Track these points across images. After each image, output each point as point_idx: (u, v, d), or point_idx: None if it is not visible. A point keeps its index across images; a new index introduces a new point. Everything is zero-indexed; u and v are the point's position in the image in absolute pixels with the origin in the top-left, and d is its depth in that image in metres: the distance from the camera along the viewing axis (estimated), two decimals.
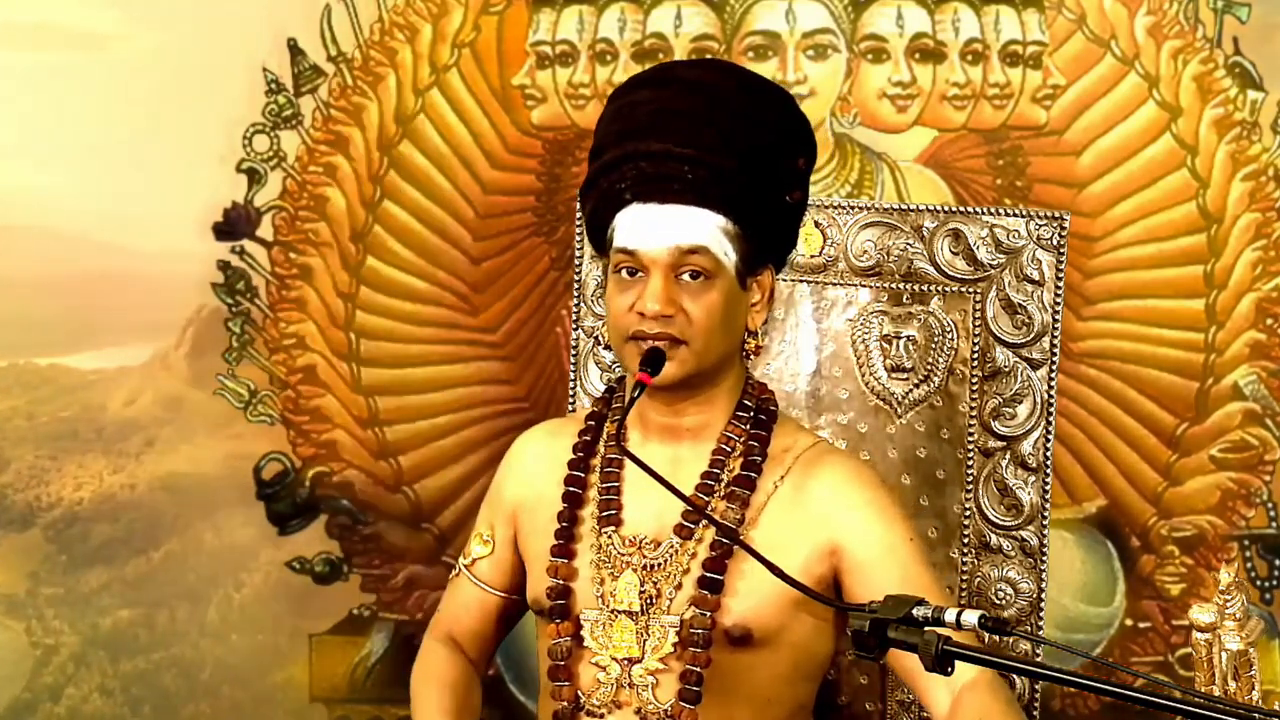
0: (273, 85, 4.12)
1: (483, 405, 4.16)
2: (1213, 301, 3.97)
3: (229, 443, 4.18)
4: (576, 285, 3.08)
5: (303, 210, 4.14)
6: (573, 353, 3.10)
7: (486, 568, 2.77)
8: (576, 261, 3.07)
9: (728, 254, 2.56)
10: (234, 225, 4.15)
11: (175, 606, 4.18)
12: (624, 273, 2.57)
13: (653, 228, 2.54)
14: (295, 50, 4.11)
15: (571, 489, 2.66)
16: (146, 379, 4.17)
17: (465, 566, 2.78)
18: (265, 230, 4.15)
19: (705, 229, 2.54)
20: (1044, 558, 2.93)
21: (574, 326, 3.10)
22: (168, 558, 4.18)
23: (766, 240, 2.61)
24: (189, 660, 4.19)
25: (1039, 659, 2.95)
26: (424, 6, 4.10)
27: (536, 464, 2.74)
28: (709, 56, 3.98)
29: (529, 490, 2.73)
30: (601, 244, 2.63)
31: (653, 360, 2.53)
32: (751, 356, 2.66)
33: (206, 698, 4.19)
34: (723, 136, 2.55)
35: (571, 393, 3.10)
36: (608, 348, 2.69)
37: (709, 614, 2.55)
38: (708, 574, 2.56)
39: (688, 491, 2.57)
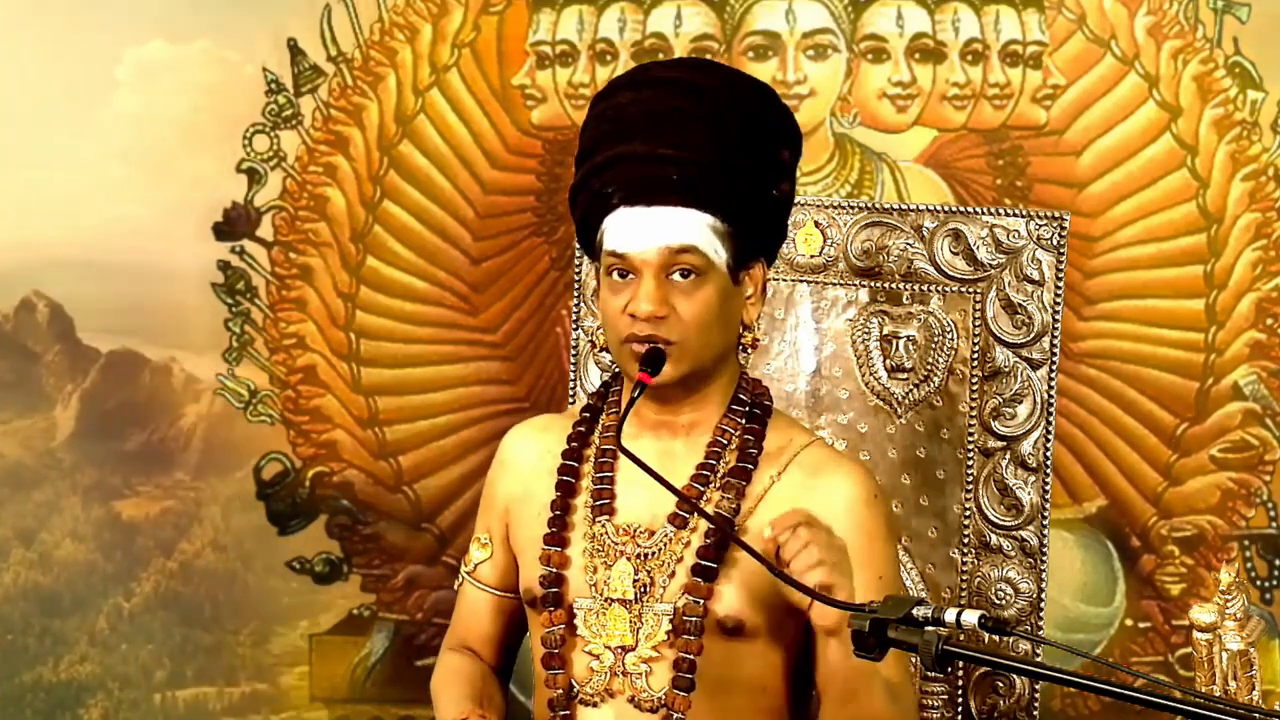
0: (273, 85, 4.12)
1: (483, 405, 4.17)
2: (1213, 301, 3.97)
3: None
4: (576, 285, 3.08)
5: (303, 210, 4.15)
6: (573, 353, 3.10)
7: (488, 571, 2.77)
8: (576, 261, 3.07)
9: (718, 251, 2.56)
10: (234, 225, 4.15)
11: None
12: (615, 275, 2.58)
13: (641, 230, 2.55)
14: (295, 50, 4.11)
15: (565, 478, 2.67)
16: None
17: (468, 574, 2.79)
18: (265, 230, 4.15)
19: (694, 228, 2.55)
20: (1044, 558, 2.93)
21: (574, 326, 3.10)
22: None
23: (756, 235, 2.62)
24: None
25: (1039, 659, 2.95)
26: (424, 6, 4.10)
27: (526, 458, 2.74)
28: (691, 56, 3.98)
29: (519, 485, 2.74)
30: (592, 247, 2.64)
31: (652, 360, 2.54)
32: (749, 351, 2.66)
33: None
34: (707, 134, 2.55)
35: (571, 393, 3.10)
36: (604, 349, 2.70)
37: (702, 602, 2.56)
38: (701, 562, 2.57)
39: (681, 484, 2.58)
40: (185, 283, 4.15)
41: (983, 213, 2.97)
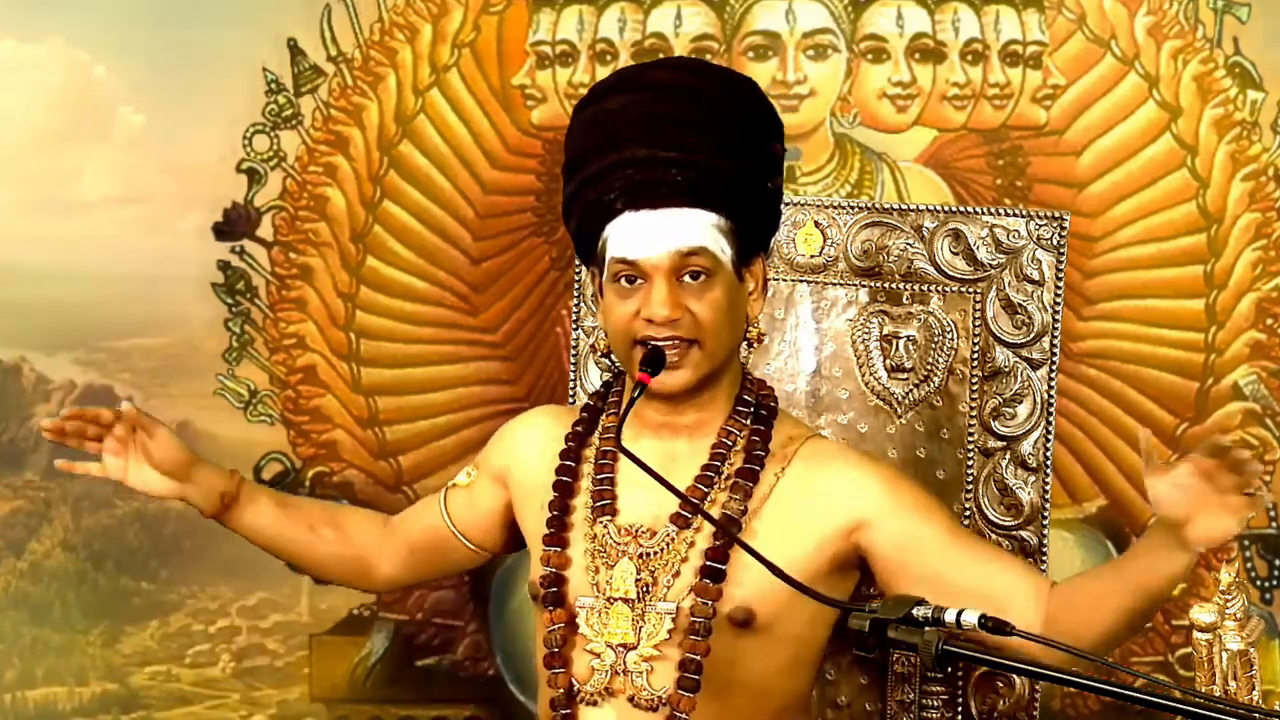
0: (273, 85, 4.12)
1: (483, 405, 4.16)
2: (1213, 301, 3.97)
3: None
4: (576, 285, 3.09)
5: (303, 210, 4.15)
6: (573, 353, 3.11)
7: (457, 499, 2.84)
8: (576, 261, 3.07)
9: (724, 250, 2.57)
10: (234, 225, 4.15)
11: None
12: (623, 281, 2.57)
13: (649, 234, 2.55)
14: (295, 50, 4.11)
15: (563, 479, 2.68)
16: None
17: (446, 489, 2.85)
18: (265, 230, 4.15)
19: (701, 229, 2.55)
20: (1044, 558, 2.93)
21: (574, 326, 3.10)
22: None
23: (756, 229, 2.63)
24: None
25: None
26: (424, 6, 4.10)
27: (530, 441, 2.78)
28: (675, 56, 3.97)
29: (517, 466, 2.78)
30: (591, 255, 2.63)
31: (653, 360, 2.54)
32: (754, 346, 2.67)
33: None
34: (704, 134, 2.56)
35: (571, 393, 3.10)
36: (605, 355, 2.70)
37: (710, 603, 2.56)
38: (710, 563, 2.57)
39: (684, 485, 2.58)
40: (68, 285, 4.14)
41: (983, 213, 2.97)
